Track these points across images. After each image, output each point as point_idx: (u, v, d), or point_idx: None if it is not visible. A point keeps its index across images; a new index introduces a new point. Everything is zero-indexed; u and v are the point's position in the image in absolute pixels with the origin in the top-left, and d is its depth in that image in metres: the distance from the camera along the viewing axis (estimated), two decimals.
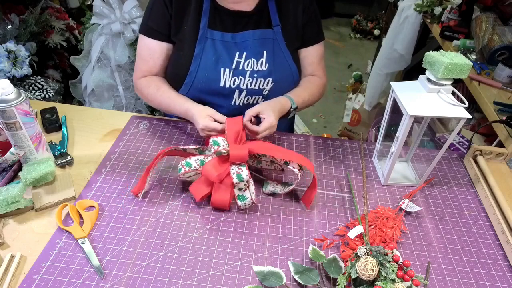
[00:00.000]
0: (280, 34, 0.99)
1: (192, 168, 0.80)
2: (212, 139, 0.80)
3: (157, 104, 1.01)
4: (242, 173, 0.77)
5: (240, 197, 0.79)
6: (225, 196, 0.78)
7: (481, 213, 0.85)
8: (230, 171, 0.78)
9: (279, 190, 0.85)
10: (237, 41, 0.96)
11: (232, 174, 0.77)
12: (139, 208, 0.80)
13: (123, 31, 1.78)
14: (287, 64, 1.01)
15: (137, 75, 1.04)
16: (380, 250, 0.64)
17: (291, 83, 1.04)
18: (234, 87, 0.98)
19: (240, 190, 0.79)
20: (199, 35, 0.95)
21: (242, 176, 0.77)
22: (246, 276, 0.69)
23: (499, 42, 1.41)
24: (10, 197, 0.74)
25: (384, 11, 3.81)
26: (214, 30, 0.96)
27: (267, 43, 0.98)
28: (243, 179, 0.77)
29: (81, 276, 0.67)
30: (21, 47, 1.66)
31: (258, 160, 0.89)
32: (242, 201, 0.79)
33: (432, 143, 1.58)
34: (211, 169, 0.77)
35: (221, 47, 0.96)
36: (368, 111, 2.34)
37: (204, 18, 0.95)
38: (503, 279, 0.72)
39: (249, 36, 0.97)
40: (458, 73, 0.74)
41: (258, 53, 0.97)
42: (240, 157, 0.78)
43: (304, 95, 1.03)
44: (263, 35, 0.98)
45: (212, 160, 0.79)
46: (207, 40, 0.96)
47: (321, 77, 1.10)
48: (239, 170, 0.77)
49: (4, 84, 0.74)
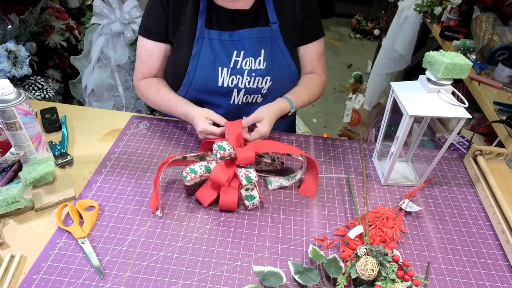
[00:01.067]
0: (278, 32, 0.98)
1: (197, 175, 0.79)
2: (217, 144, 0.80)
3: (157, 106, 1.02)
4: (250, 175, 0.78)
5: (248, 197, 0.80)
6: (233, 198, 0.79)
7: (481, 213, 0.85)
8: (238, 173, 0.78)
9: (284, 183, 0.86)
10: (235, 40, 0.96)
11: (241, 176, 0.78)
12: (139, 208, 0.80)
13: (123, 31, 1.78)
14: (286, 63, 1.00)
15: (137, 77, 1.04)
16: (380, 250, 0.64)
17: (290, 81, 1.03)
18: (232, 86, 0.98)
19: (247, 191, 0.80)
20: (196, 35, 0.95)
21: (251, 178, 0.78)
22: (246, 276, 0.69)
23: (499, 42, 1.41)
24: (10, 197, 0.74)
25: (384, 11, 3.82)
26: (211, 29, 0.96)
27: (265, 42, 0.97)
28: (252, 181, 0.77)
29: (81, 276, 0.67)
30: (21, 47, 1.66)
31: (257, 161, 0.89)
32: (250, 201, 0.80)
33: (432, 143, 1.58)
34: (219, 174, 0.77)
35: (219, 46, 0.96)
36: (368, 111, 2.34)
37: (201, 17, 0.95)
38: (503, 279, 0.72)
39: (246, 35, 0.96)
40: (458, 73, 0.74)
41: (256, 52, 0.97)
42: (248, 159, 0.79)
43: (304, 95, 1.03)
44: (260, 33, 0.97)
45: (219, 165, 0.79)
46: (204, 39, 0.95)
47: (321, 75, 1.10)
48: (247, 172, 0.79)
49: (4, 84, 0.74)
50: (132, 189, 0.84)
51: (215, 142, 0.81)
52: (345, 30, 4.20)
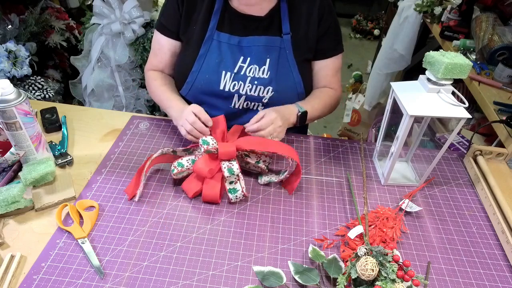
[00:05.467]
0: (289, 43, 0.96)
1: (184, 168, 0.83)
2: (202, 139, 0.82)
3: (156, 98, 1.04)
4: (233, 167, 0.81)
5: (231, 191, 0.82)
6: (215, 190, 0.81)
7: (481, 213, 0.85)
8: (222, 166, 0.81)
9: (274, 178, 0.88)
10: (243, 46, 0.95)
11: (223, 168, 0.81)
12: (139, 208, 0.80)
13: (123, 31, 1.78)
14: (291, 75, 0.98)
15: (147, 67, 1.09)
16: (380, 250, 0.64)
17: (294, 94, 1.01)
18: (233, 91, 0.97)
19: (231, 184, 0.82)
20: (206, 36, 0.95)
21: (233, 170, 0.80)
22: (246, 276, 0.69)
23: (499, 42, 1.41)
24: (10, 197, 0.74)
25: (384, 11, 3.82)
26: (221, 32, 0.95)
27: (273, 51, 0.96)
28: (234, 173, 0.80)
29: (81, 276, 0.67)
30: (21, 47, 1.66)
31: (245, 161, 0.89)
32: (233, 194, 0.81)
33: (432, 143, 1.58)
34: (202, 166, 0.80)
35: (226, 49, 0.95)
36: (368, 111, 2.34)
37: (214, 19, 0.94)
38: (503, 279, 0.72)
39: (255, 42, 0.95)
40: (458, 73, 0.74)
41: (261, 60, 0.96)
42: (229, 154, 0.81)
43: (314, 101, 1.01)
44: (269, 42, 0.95)
45: (202, 158, 0.82)
46: (213, 41, 0.95)
47: (335, 89, 1.07)
48: (230, 164, 0.82)
49: (4, 84, 0.74)
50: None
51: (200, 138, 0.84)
52: (345, 30, 4.20)
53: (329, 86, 1.06)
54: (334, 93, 1.07)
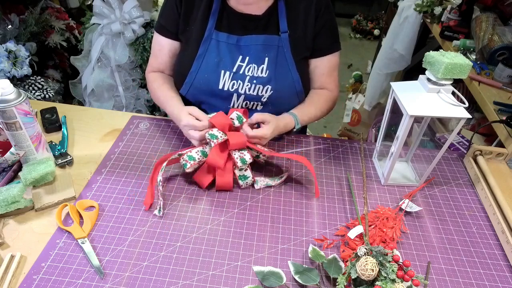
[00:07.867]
0: (287, 41, 0.96)
1: (196, 161, 0.84)
2: (209, 133, 0.83)
3: (156, 100, 1.04)
4: (245, 157, 0.84)
5: (241, 177, 0.85)
6: (229, 179, 0.84)
7: (481, 213, 0.85)
8: (233, 156, 0.83)
9: (271, 182, 0.88)
10: (241, 45, 0.95)
11: (236, 159, 0.83)
12: (139, 208, 0.80)
13: (123, 31, 1.78)
14: (290, 73, 0.98)
15: (148, 69, 1.09)
16: (380, 250, 0.64)
17: (292, 93, 1.01)
18: (232, 90, 0.97)
19: (241, 171, 0.85)
20: (205, 35, 0.95)
21: (245, 160, 0.83)
22: (246, 276, 0.69)
23: (499, 42, 1.41)
24: (10, 197, 0.74)
25: (384, 11, 3.82)
26: (220, 31, 0.95)
27: (271, 50, 0.96)
28: (246, 162, 0.83)
29: (81, 276, 0.67)
30: (21, 47, 1.66)
31: None
32: (243, 181, 0.85)
33: (432, 143, 1.58)
34: (216, 158, 0.82)
35: (225, 49, 0.95)
36: (368, 111, 2.34)
37: (212, 18, 0.95)
38: (503, 279, 0.72)
39: (253, 41, 0.95)
40: (458, 73, 0.74)
41: (259, 59, 0.95)
42: (239, 144, 0.83)
43: (311, 111, 1.01)
44: (267, 41, 0.95)
45: (214, 149, 0.83)
46: (211, 41, 0.95)
47: (331, 90, 1.06)
48: (241, 154, 0.84)
49: (4, 84, 0.74)
50: (132, 189, 0.84)
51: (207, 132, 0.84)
52: (345, 30, 4.20)
53: (325, 87, 1.06)
54: (330, 94, 1.06)
